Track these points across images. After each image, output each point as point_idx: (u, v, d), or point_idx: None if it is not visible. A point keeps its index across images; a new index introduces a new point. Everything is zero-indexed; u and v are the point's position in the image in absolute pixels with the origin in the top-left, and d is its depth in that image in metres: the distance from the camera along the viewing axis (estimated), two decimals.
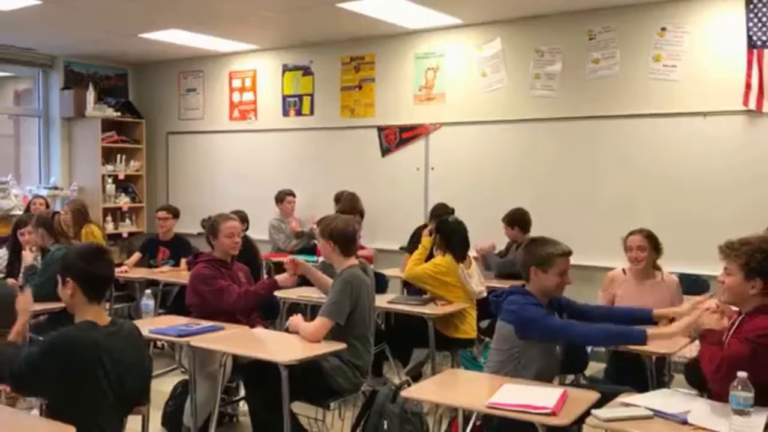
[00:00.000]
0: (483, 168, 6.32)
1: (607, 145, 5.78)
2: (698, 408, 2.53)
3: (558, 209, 5.92)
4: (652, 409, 2.52)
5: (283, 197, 6.93)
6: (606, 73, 5.76)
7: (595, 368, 4.51)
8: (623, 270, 4.25)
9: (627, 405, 2.61)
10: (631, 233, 4.16)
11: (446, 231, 4.69)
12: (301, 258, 6.21)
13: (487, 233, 5.60)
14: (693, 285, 4.89)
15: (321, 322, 3.51)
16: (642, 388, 3.13)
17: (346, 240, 3.71)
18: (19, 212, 6.83)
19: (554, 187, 5.99)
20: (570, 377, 4.08)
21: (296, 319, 3.65)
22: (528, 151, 6.12)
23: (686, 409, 2.49)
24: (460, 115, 6.46)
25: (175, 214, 6.32)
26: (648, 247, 4.09)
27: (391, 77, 6.86)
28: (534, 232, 5.55)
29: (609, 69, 5.75)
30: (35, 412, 3.03)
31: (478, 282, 4.67)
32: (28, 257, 4.52)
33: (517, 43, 6.16)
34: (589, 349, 4.17)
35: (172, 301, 5.58)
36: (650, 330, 3.03)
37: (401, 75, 6.79)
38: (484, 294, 4.57)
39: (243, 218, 5.73)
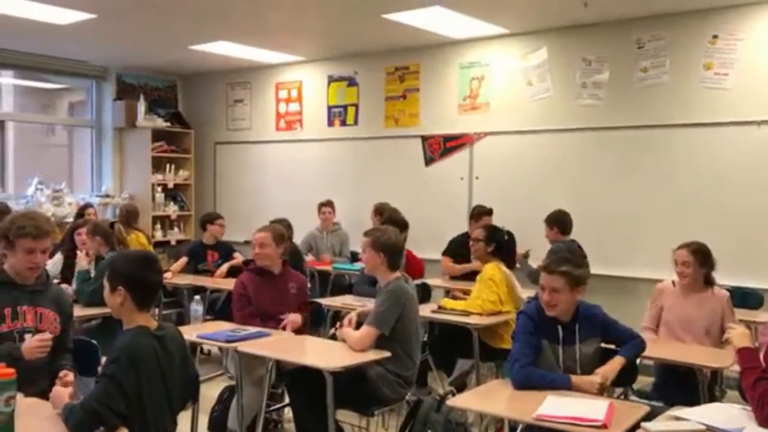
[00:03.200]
0: (528, 177, 6.28)
1: (655, 155, 5.69)
2: (754, 424, 2.45)
3: (604, 220, 5.85)
4: (704, 424, 2.46)
5: (318, 208, 6.98)
6: (655, 81, 5.68)
7: (643, 382, 4.41)
8: (672, 282, 4.16)
9: (678, 419, 2.55)
10: (679, 247, 4.06)
11: (498, 239, 4.68)
12: (343, 267, 6.32)
13: (530, 242, 5.56)
14: (746, 299, 4.77)
15: (366, 331, 3.53)
16: (692, 403, 3.06)
17: (395, 253, 3.74)
18: (71, 219, 7.03)
19: (600, 198, 5.91)
20: (618, 390, 4.00)
21: (346, 328, 3.67)
22: (574, 161, 6.06)
23: (741, 426, 2.42)
24: (505, 125, 6.43)
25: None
26: (694, 262, 3.97)
27: (436, 87, 6.87)
28: (579, 242, 5.50)
29: (658, 78, 5.66)
30: None
31: (521, 289, 4.65)
32: (83, 260, 4.64)
33: (564, 51, 6.11)
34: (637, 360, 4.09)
35: (220, 307, 5.66)
36: (574, 377, 2.95)
37: (446, 84, 6.80)
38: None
39: (287, 226, 5.79)
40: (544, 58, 6.21)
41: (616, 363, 3.07)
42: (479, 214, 5.94)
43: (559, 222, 5.58)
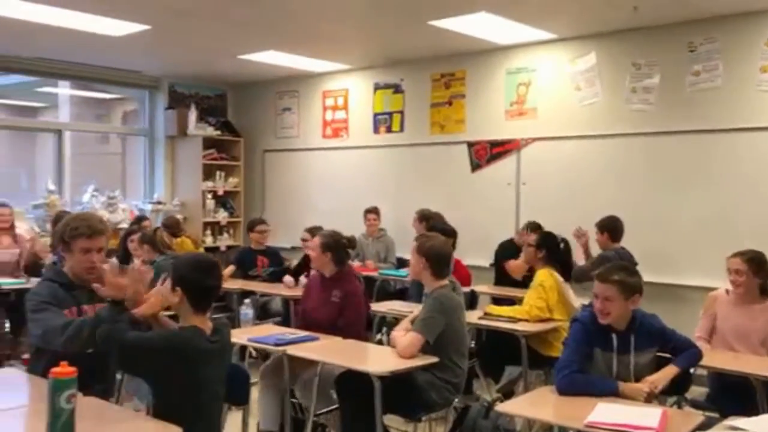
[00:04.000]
0: (576, 183, 6.21)
1: (707, 160, 5.56)
2: None
3: (654, 226, 5.74)
4: None
5: (364, 215, 7.01)
6: (707, 85, 5.56)
7: (695, 392, 4.31)
8: (726, 291, 4.05)
9: (734, 429, 2.49)
10: (733, 255, 3.95)
11: (549, 245, 4.64)
12: (389, 273, 6.34)
13: (579, 249, 5.49)
14: None
15: (412, 338, 3.53)
16: (748, 414, 2.98)
17: (440, 261, 3.74)
18: (126, 226, 7.22)
19: (650, 204, 5.81)
20: (670, 400, 3.92)
21: (397, 333, 3.69)
22: (623, 166, 5.97)
23: None
24: (552, 130, 6.37)
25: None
26: (747, 271, 3.85)
27: (482, 93, 6.85)
28: (629, 249, 5.41)
29: (711, 81, 5.54)
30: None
31: (574, 296, 4.59)
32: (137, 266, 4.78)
33: (613, 56, 6.03)
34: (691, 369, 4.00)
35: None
36: (621, 384, 2.92)
37: (492, 90, 6.78)
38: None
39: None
40: (593, 63, 6.14)
41: (668, 372, 3.01)
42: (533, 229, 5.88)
43: (611, 228, 5.48)
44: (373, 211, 7.01)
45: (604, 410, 2.65)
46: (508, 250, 5.95)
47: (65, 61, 7.53)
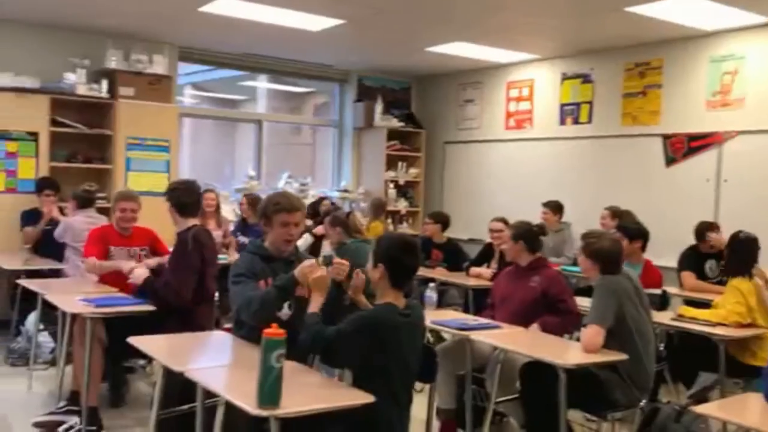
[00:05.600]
0: None
1: None
2: None
3: None
4: None
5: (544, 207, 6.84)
6: None
7: None
8: None
9: None
10: None
11: (739, 247, 4.30)
12: (566, 269, 6.14)
13: None
14: None
15: (591, 330, 3.40)
16: None
17: (610, 262, 3.59)
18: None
19: None
20: None
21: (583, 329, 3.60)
22: None
23: None
24: (762, 123, 5.84)
25: (438, 220, 6.53)
26: None
27: (681, 82, 6.43)
28: None
29: None
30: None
31: None
32: (327, 247, 5.06)
33: None
34: None
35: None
36: None
37: (692, 80, 6.34)
38: None
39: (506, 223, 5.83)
40: None
41: None
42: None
43: None
44: (546, 205, 6.82)
45: None
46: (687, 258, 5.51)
47: (266, 56, 8.09)
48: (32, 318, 5.09)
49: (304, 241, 5.48)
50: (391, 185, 8.76)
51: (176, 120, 7.23)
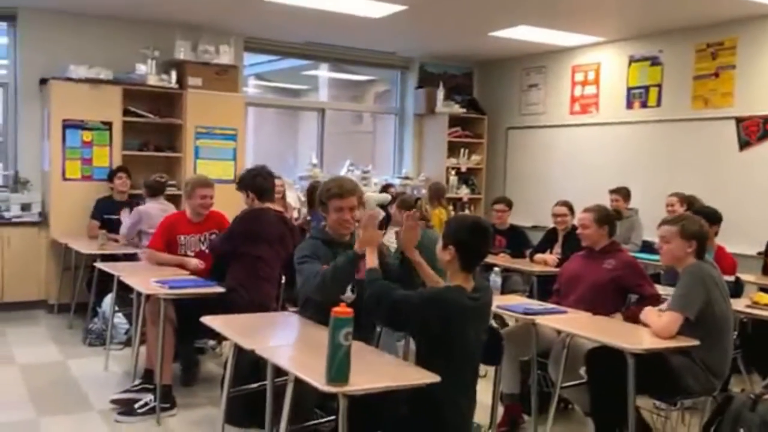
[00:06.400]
0: None
1: None
2: None
3: None
4: None
5: (610, 194, 6.69)
6: None
7: None
8: None
9: None
10: None
11: None
12: (643, 257, 5.99)
13: None
14: None
15: (671, 317, 3.33)
16: None
17: (704, 244, 3.50)
18: None
19: None
20: None
21: (649, 309, 3.52)
22: None
23: None
24: None
25: (510, 206, 6.50)
26: None
27: (757, 63, 6.18)
28: None
29: None
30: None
31: None
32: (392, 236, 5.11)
33: None
34: None
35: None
36: None
37: None
38: None
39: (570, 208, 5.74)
40: None
41: None
42: None
43: None
44: (617, 192, 6.67)
45: None
46: None
47: (328, 45, 8.16)
48: (108, 300, 5.32)
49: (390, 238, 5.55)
50: (453, 172, 8.73)
51: (243, 109, 7.38)
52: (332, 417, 2.88)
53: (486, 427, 2.92)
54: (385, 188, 7.84)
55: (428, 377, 2.51)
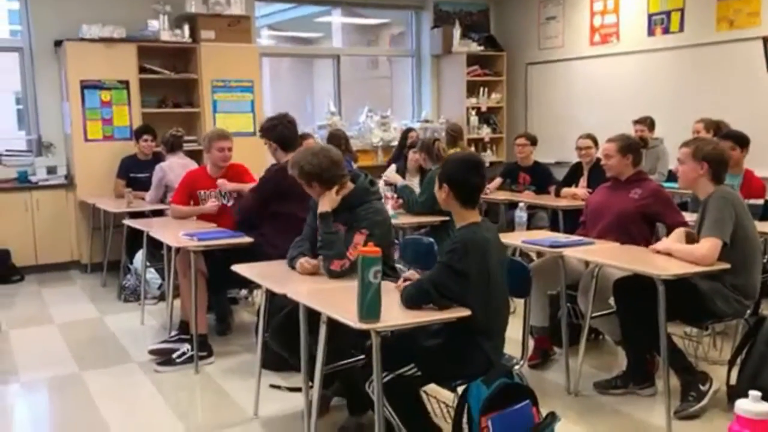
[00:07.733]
0: None
1: None
2: None
3: None
4: None
5: (633, 125, 6.55)
6: None
7: None
8: None
9: None
10: None
11: None
12: (667, 185, 5.91)
13: None
14: None
15: (711, 242, 3.25)
16: None
17: (720, 165, 3.44)
18: (396, 143, 7.63)
19: None
20: None
21: (671, 242, 3.49)
22: None
23: None
24: None
25: (533, 141, 6.45)
26: None
27: None
28: None
29: None
30: None
31: None
32: (398, 179, 5.19)
33: None
34: None
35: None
36: None
37: None
38: None
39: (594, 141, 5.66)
40: None
41: None
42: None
43: None
44: (641, 122, 6.55)
45: None
46: None
47: None
48: (139, 256, 5.41)
49: (390, 171, 5.55)
50: (473, 112, 8.62)
51: (257, 60, 7.32)
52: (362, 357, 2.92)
53: (518, 359, 2.95)
54: (405, 133, 7.76)
55: (460, 311, 2.53)
